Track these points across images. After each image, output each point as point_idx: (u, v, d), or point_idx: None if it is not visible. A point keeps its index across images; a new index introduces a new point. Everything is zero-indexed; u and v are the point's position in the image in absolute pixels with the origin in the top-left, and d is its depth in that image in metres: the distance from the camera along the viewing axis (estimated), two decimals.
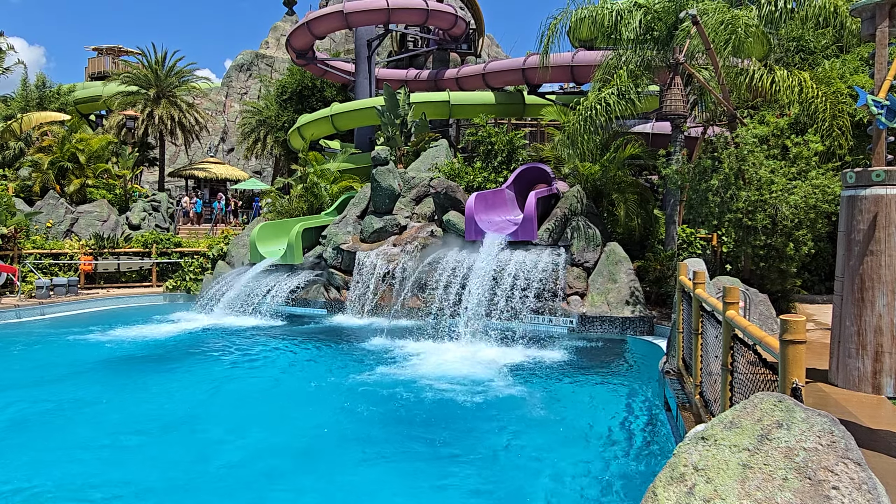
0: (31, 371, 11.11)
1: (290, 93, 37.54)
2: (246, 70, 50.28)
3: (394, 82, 28.90)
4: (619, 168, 16.61)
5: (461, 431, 7.93)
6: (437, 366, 11.29)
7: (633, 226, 16.07)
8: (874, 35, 6.21)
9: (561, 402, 9.36)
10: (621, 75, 14.66)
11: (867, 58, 14.64)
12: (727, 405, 5.07)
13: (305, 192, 22.33)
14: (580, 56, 25.11)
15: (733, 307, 5.05)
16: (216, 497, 6.27)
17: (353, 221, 18.58)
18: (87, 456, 7.16)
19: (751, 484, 2.15)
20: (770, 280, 12.26)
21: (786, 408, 2.39)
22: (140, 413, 8.78)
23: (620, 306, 13.95)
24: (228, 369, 11.43)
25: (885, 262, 6.02)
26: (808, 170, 11.71)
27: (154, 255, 21.03)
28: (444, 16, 29.06)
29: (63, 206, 23.63)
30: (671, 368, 8.64)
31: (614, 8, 14.72)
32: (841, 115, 13.21)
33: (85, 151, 25.85)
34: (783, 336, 3.55)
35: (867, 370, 6.07)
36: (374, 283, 16.28)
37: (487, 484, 6.45)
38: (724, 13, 12.91)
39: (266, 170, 46.53)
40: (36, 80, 36.85)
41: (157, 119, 32.72)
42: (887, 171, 6.05)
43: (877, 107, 5.91)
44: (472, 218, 15.73)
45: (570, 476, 6.66)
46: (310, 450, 7.48)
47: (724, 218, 12.01)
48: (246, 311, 16.66)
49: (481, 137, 20.12)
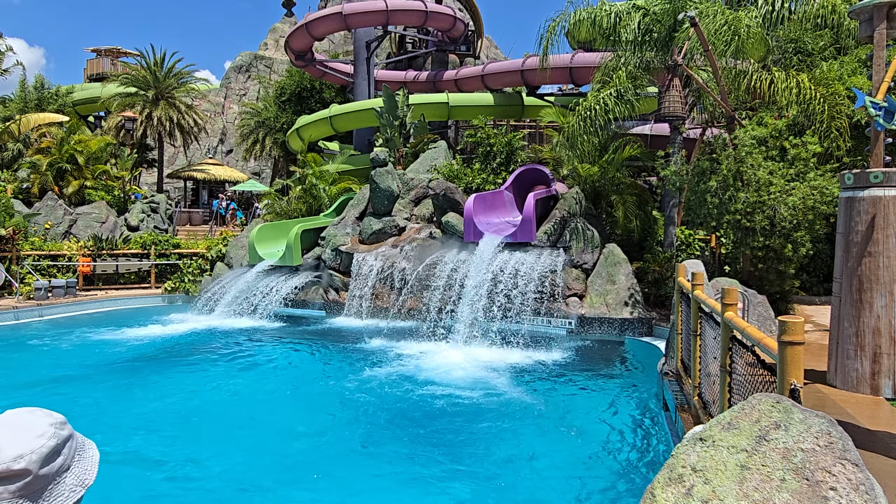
0: (30, 372, 11.09)
1: (288, 94, 37.57)
2: (245, 71, 50.29)
3: (393, 84, 28.92)
4: (617, 169, 16.63)
5: (460, 433, 7.92)
6: (435, 367, 11.28)
7: (632, 227, 16.08)
8: (872, 37, 6.22)
9: (559, 403, 9.36)
10: (620, 77, 14.68)
11: (865, 59, 14.66)
12: (725, 406, 5.07)
13: (304, 194, 22.34)
14: (579, 57, 25.16)
15: (732, 308, 5.05)
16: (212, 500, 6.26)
17: (352, 223, 18.57)
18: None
19: (749, 485, 2.15)
20: (768, 281, 12.27)
21: (784, 409, 2.39)
22: (138, 415, 8.76)
23: (619, 307, 13.95)
24: (226, 371, 11.41)
25: (883, 263, 6.03)
26: (806, 171, 11.73)
27: (153, 256, 21.01)
28: (443, 17, 29.10)
29: (61, 208, 23.61)
30: (670, 369, 8.65)
31: (613, 10, 14.75)
32: (839, 117, 13.23)
33: (83, 153, 25.85)
34: (781, 337, 3.55)
35: (865, 371, 6.07)
36: (373, 285, 16.27)
37: (486, 486, 6.44)
38: (723, 15, 12.93)
39: (265, 171, 46.54)
40: (34, 81, 36.86)
41: (155, 120, 32.71)
42: (885, 172, 6.06)
43: (875, 108, 5.92)
44: (470, 219, 15.74)
45: (568, 477, 6.65)
46: (309, 451, 7.46)
47: (723, 219, 12.03)
48: (244, 312, 16.65)
49: (480, 139, 20.14)
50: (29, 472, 1.26)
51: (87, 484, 1.38)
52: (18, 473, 1.25)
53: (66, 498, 1.32)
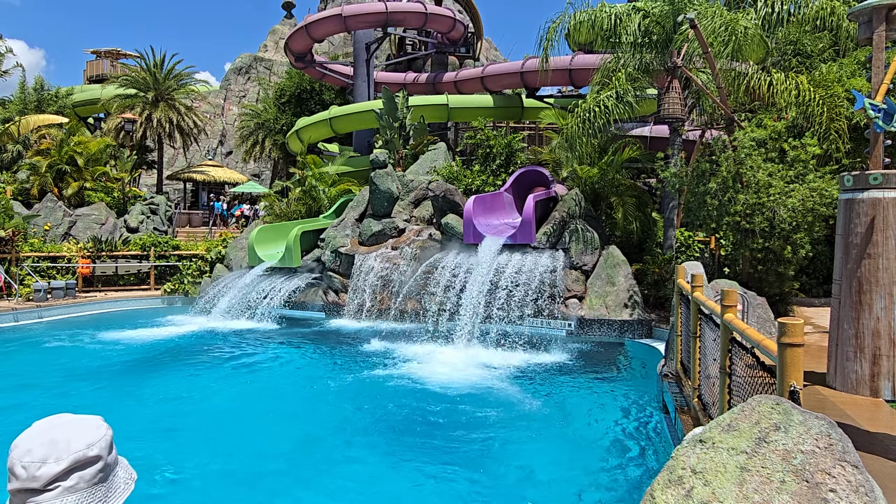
0: (30, 374, 11.07)
1: (288, 96, 37.59)
2: (244, 73, 50.33)
3: (392, 85, 28.95)
4: (617, 171, 16.64)
5: (459, 434, 7.92)
6: (435, 369, 11.27)
7: (632, 229, 16.09)
8: (871, 39, 6.22)
9: (559, 405, 9.36)
10: (619, 78, 14.70)
11: (864, 61, 14.68)
12: (725, 408, 5.07)
13: (304, 195, 22.35)
14: (578, 59, 25.18)
15: (731, 310, 5.05)
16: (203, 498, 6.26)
17: (352, 224, 18.57)
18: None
19: (748, 486, 2.15)
20: (768, 283, 12.27)
21: (783, 410, 2.39)
22: (139, 415, 8.76)
23: (619, 309, 13.95)
24: (225, 372, 11.41)
25: (882, 265, 6.03)
26: (805, 173, 11.74)
27: (152, 258, 21.00)
28: (443, 19, 29.13)
29: (61, 209, 23.61)
30: (669, 371, 8.64)
31: (613, 11, 14.77)
32: (838, 119, 13.24)
33: (83, 154, 25.85)
34: (781, 339, 3.55)
35: (865, 373, 6.07)
36: (373, 286, 16.26)
37: (485, 487, 6.44)
38: (721, 17, 12.95)
39: (264, 173, 46.55)
40: (34, 82, 36.87)
41: (155, 122, 32.72)
42: (884, 174, 6.06)
43: (874, 110, 5.93)
44: (470, 221, 15.74)
45: (567, 478, 6.65)
46: (306, 452, 7.45)
47: (723, 221, 12.03)
48: (244, 314, 16.64)
49: (480, 140, 20.15)
50: (100, 458, 1.33)
51: (134, 478, 1.45)
52: (93, 460, 1.31)
53: (122, 491, 1.40)
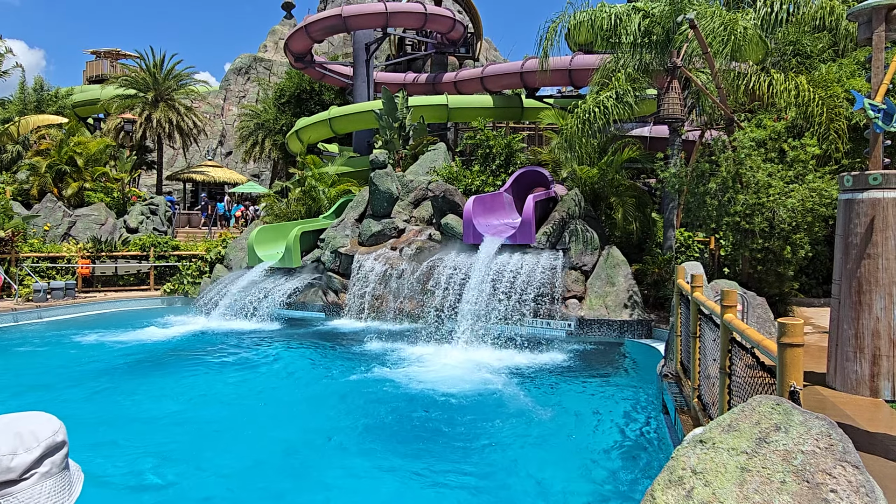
0: (29, 374, 11.07)
1: (288, 96, 37.57)
2: (244, 73, 50.32)
3: (392, 86, 28.95)
4: (617, 171, 16.64)
5: (459, 436, 7.92)
6: (434, 370, 11.27)
7: (632, 229, 16.09)
8: (871, 39, 6.23)
9: (558, 405, 9.35)
10: (619, 79, 14.70)
11: (864, 62, 14.69)
12: (725, 408, 5.07)
13: (303, 196, 22.34)
14: (578, 60, 25.18)
15: (731, 310, 5.05)
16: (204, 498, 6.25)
17: (352, 225, 18.57)
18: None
19: (749, 487, 2.15)
20: (768, 283, 12.28)
21: (784, 411, 2.39)
22: (139, 416, 8.75)
23: (618, 309, 13.95)
24: (225, 373, 11.39)
25: (882, 265, 6.03)
26: (805, 173, 11.74)
27: (152, 258, 21.00)
28: (443, 20, 29.13)
29: (61, 210, 23.60)
30: (669, 372, 8.64)
31: (612, 12, 14.77)
32: (838, 119, 13.25)
33: (83, 155, 25.84)
34: (781, 339, 3.55)
35: (865, 373, 6.07)
36: (372, 287, 16.26)
37: (485, 490, 6.43)
38: (720, 17, 12.95)
39: (264, 173, 46.53)
40: (34, 83, 36.87)
41: (155, 122, 32.72)
42: (884, 174, 6.06)
43: (873, 110, 5.93)
44: (470, 221, 15.74)
45: (567, 479, 6.65)
46: (304, 454, 7.45)
47: (722, 221, 12.03)
48: (244, 314, 16.64)
49: (479, 141, 20.15)
50: (66, 444, 1.39)
51: (80, 468, 1.47)
52: (60, 445, 1.37)
53: (78, 475, 1.44)
